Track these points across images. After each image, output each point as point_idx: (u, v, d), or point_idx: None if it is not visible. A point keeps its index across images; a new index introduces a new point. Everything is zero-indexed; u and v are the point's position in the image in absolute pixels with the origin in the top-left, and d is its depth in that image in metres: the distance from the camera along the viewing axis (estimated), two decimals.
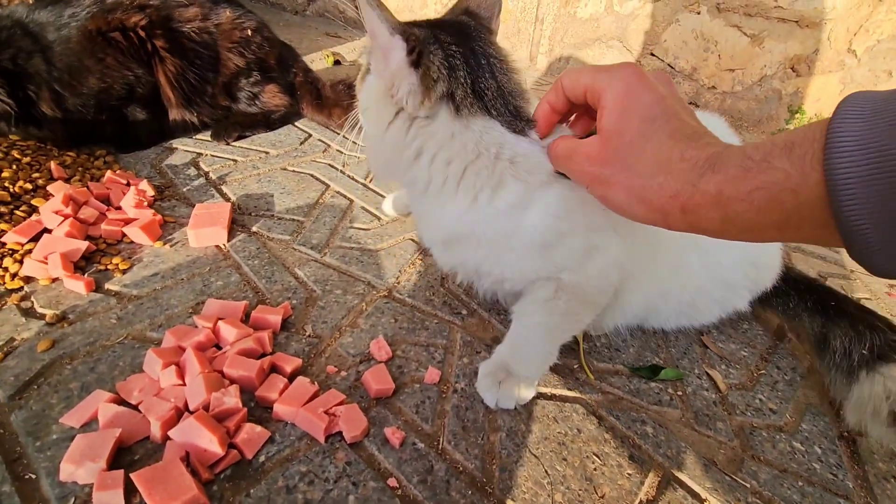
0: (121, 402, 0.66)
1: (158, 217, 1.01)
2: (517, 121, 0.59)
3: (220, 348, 0.75)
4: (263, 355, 0.75)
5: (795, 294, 0.92)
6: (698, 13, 2.38)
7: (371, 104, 0.63)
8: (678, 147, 0.42)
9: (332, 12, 3.10)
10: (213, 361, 0.72)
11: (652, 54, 2.55)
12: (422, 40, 0.56)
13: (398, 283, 0.99)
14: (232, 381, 0.69)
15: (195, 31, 1.25)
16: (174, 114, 1.30)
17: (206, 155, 1.32)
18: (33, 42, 1.09)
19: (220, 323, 0.77)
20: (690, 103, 2.57)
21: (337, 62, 2.28)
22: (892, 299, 1.15)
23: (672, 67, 2.53)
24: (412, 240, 1.11)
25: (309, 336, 0.83)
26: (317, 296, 0.92)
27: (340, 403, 0.69)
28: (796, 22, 2.26)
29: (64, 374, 0.70)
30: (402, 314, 0.91)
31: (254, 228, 1.07)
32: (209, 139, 1.39)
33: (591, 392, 0.81)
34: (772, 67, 2.35)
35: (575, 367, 0.86)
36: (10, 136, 1.15)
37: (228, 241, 1.01)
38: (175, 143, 1.35)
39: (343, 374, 0.77)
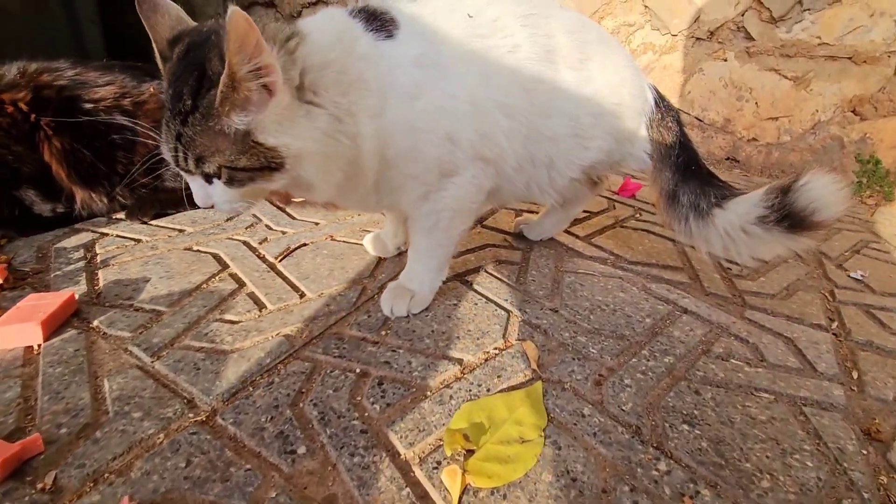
0: None
1: None
2: None
3: None
4: None
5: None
6: (724, 60, 2.08)
7: (290, 131, 0.66)
8: None
9: None
10: None
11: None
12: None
13: (234, 399, 0.72)
14: None
15: (102, 109, 1.17)
16: (78, 195, 1.19)
17: (112, 236, 1.19)
18: None
19: None
20: (727, 158, 2.19)
21: None
22: None
23: (701, 120, 2.20)
24: (286, 336, 0.86)
25: (41, 489, 0.58)
26: (102, 421, 0.67)
27: None
28: (849, 58, 1.88)
29: None
30: (206, 453, 0.63)
31: (94, 323, 0.87)
32: (123, 220, 1.27)
33: None
34: (826, 112, 1.96)
35: None
36: None
37: (48, 339, 0.82)
38: (87, 224, 1.24)
39: None
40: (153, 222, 1.27)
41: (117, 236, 1.19)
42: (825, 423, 0.75)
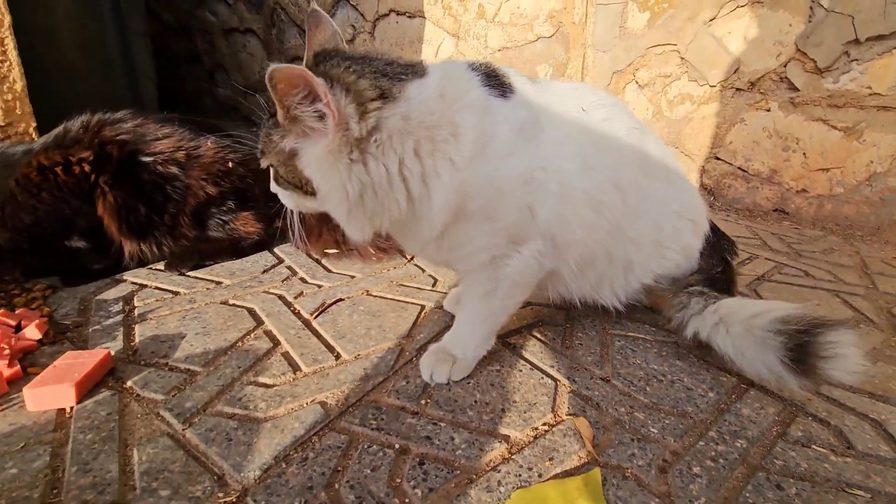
0: None
1: (14, 370, 0.83)
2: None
3: None
4: None
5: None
6: (767, 110, 2.03)
7: (324, 173, 0.71)
8: None
9: None
10: None
11: (717, 158, 2.20)
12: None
13: (266, 477, 0.67)
14: None
15: (161, 163, 1.21)
16: (127, 246, 1.21)
17: (150, 287, 1.19)
18: None
19: None
20: (775, 210, 2.10)
21: None
22: None
23: (745, 171, 2.13)
24: (321, 404, 0.81)
25: None
26: (128, 500, 0.63)
27: None
28: None
29: None
30: None
31: (128, 384, 0.85)
32: (161, 269, 1.28)
33: None
34: (882, 163, 1.86)
35: None
36: None
37: (81, 401, 0.79)
38: (127, 275, 1.25)
39: None
40: (191, 273, 1.27)
41: (156, 288, 1.19)
42: None
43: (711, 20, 2.06)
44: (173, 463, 0.69)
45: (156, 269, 1.29)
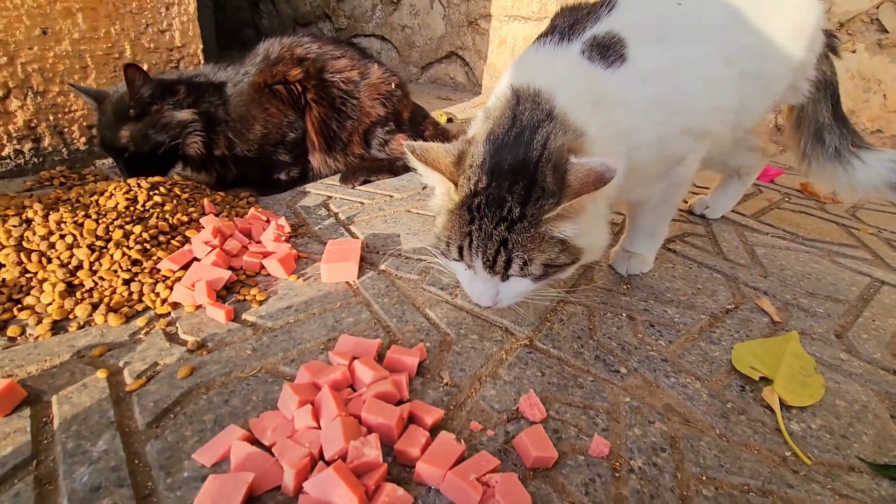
0: (253, 441, 0.60)
1: (294, 252, 1.00)
2: None
3: (354, 389, 0.67)
4: (400, 402, 0.66)
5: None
6: (853, 52, 2.11)
7: (592, 225, 0.72)
8: None
9: (443, 79, 3.29)
10: (349, 404, 0.63)
11: None
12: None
13: (539, 331, 0.86)
14: (370, 429, 0.60)
15: (343, 81, 1.33)
16: (315, 160, 1.36)
17: (335, 198, 1.35)
18: (219, 95, 1.23)
19: (355, 363, 0.69)
20: None
21: (450, 120, 2.36)
22: None
23: None
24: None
25: (446, 384, 0.72)
26: (451, 340, 0.82)
27: (494, 470, 0.56)
28: None
29: (199, 405, 0.66)
30: (549, 367, 0.77)
31: (382, 266, 1.02)
32: (336, 184, 1.43)
33: (827, 496, 0.59)
34: None
35: (787, 454, 0.65)
36: (174, 177, 1.27)
37: (358, 277, 0.97)
38: (308, 187, 1.40)
39: (490, 433, 0.64)
40: (361, 188, 1.42)
41: (340, 198, 1.35)
42: None
43: None
44: (464, 320, 0.87)
45: (329, 184, 1.44)
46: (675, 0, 0.87)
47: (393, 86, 1.42)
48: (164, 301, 0.85)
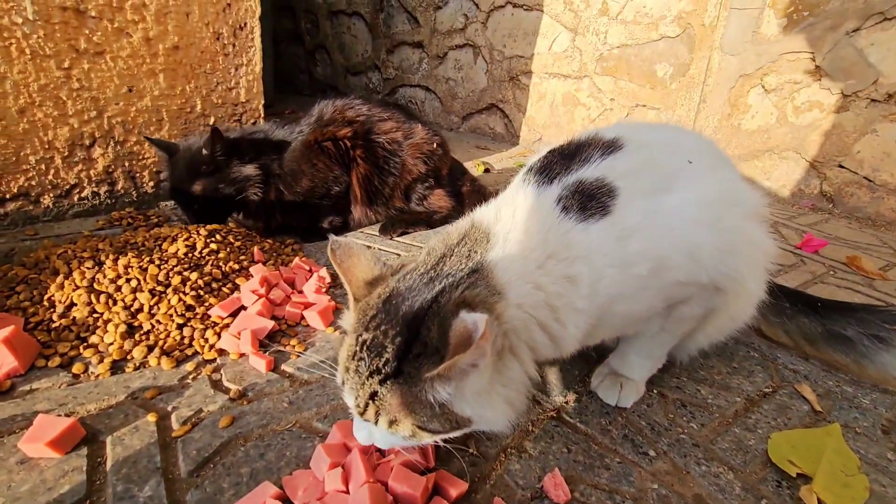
0: (285, 499, 0.62)
1: (333, 303, 1.05)
2: None
3: (383, 454, 0.69)
4: (426, 470, 0.67)
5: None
6: None
7: (483, 399, 0.60)
8: None
9: (482, 129, 3.41)
10: (377, 469, 0.65)
11: (840, 166, 2.25)
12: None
13: (567, 402, 0.86)
14: (395, 498, 0.61)
15: (388, 142, 1.42)
16: (357, 211, 1.44)
17: (374, 248, 1.41)
18: (275, 151, 1.34)
19: None
20: None
21: (486, 170, 2.44)
22: None
23: (870, 180, 2.18)
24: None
25: (472, 453, 0.74)
26: None
27: None
28: None
29: (238, 456, 0.70)
30: (576, 444, 0.77)
31: None
32: (375, 234, 1.49)
33: None
34: None
35: None
36: (229, 224, 1.37)
37: None
38: (349, 236, 1.47)
39: None
40: (399, 239, 1.48)
41: (379, 249, 1.41)
42: None
43: (855, 31, 2.10)
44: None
45: (368, 233, 1.51)
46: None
47: (435, 145, 1.50)
48: (211, 347, 0.91)
